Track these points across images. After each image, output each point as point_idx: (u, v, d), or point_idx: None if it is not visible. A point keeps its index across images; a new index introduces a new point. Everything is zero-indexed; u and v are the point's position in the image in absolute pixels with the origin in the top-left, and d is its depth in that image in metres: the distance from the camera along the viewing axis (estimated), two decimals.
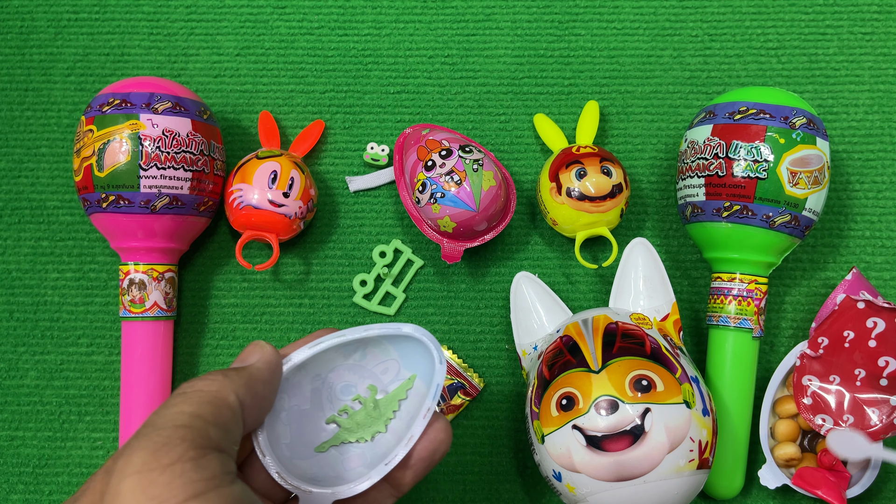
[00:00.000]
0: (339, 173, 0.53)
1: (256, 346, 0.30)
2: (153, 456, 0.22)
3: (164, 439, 0.22)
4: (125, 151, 0.45)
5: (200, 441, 0.23)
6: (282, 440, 0.30)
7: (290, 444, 0.30)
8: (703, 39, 0.55)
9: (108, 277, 0.52)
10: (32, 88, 0.54)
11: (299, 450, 0.31)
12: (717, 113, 0.47)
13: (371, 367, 0.32)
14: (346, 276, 0.52)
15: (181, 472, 0.22)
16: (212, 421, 0.24)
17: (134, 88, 0.46)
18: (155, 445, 0.22)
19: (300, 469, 0.30)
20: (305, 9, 0.56)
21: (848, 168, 0.54)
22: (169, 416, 0.24)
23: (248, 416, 0.27)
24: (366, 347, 0.32)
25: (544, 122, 0.53)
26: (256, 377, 0.28)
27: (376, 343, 0.32)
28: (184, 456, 0.22)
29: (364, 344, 0.32)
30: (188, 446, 0.23)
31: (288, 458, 0.30)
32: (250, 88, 0.55)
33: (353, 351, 0.32)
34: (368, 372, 0.32)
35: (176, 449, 0.22)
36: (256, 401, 0.27)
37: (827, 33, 0.55)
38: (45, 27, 0.55)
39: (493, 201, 0.47)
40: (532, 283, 0.49)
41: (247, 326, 0.51)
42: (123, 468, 0.22)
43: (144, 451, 0.22)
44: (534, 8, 0.56)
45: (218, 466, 0.23)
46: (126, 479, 0.22)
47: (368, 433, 0.32)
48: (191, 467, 0.22)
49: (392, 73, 0.55)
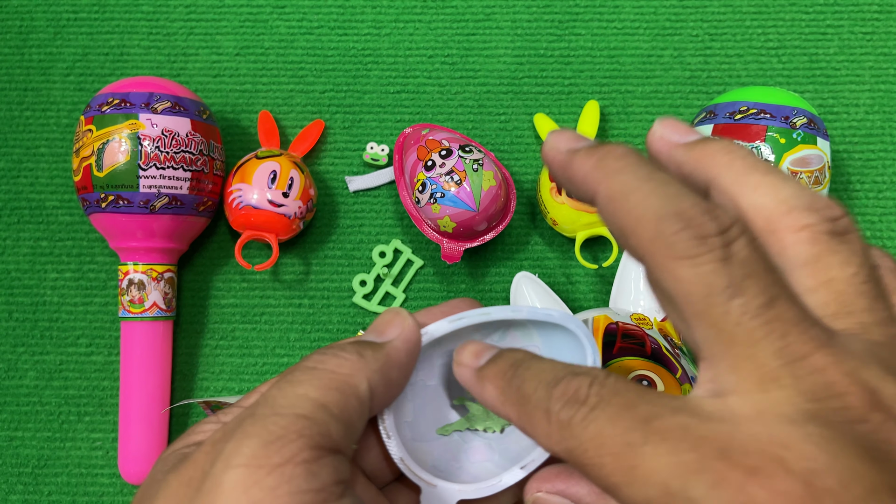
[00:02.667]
0: (338, 173, 0.53)
1: (397, 315, 0.24)
2: (264, 449, 0.19)
3: (281, 430, 0.20)
4: (124, 151, 0.45)
5: (319, 439, 0.20)
6: (405, 418, 0.26)
7: (413, 422, 0.27)
8: (704, 39, 0.55)
9: (107, 277, 0.52)
10: (31, 88, 0.54)
11: (421, 431, 0.27)
12: (717, 113, 0.47)
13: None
14: (346, 277, 0.52)
15: (290, 476, 0.19)
16: (336, 414, 0.21)
17: (133, 88, 0.46)
18: (270, 435, 0.19)
19: (421, 453, 0.26)
20: (305, 8, 0.55)
21: (849, 168, 0.54)
22: (291, 398, 0.21)
23: (375, 405, 0.23)
24: (507, 329, 0.28)
25: (544, 122, 0.53)
26: (394, 360, 0.23)
27: (521, 326, 0.28)
28: (297, 456, 0.19)
29: (507, 325, 0.28)
30: (304, 444, 0.20)
31: (409, 440, 0.26)
32: (250, 88, 0.54)
33: (494, 331, 0.28)
34: None
35: (290, 446, 0.19)
36: (388, 388, 0.23)
37: (828, 33, 0.55)
38: (45, 27, 0.55)
39: (493, 201, 0.47)
40: (532, 283, 0.49)
41: (246, 327, 0.51)
42: (231, 456, 0.19)
43: (257, 439, 0.19)
44: (534, 7, 0.56)
45: (331, 475, 0.20)
46: (230, 471, 0.19)
47: (498, 424, 0.28)
48: (302, 472, 0.19)
49: (392, 73, 0.55)
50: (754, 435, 0.16)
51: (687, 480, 0.16)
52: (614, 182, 0.19)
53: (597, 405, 0.18)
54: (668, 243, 0.18)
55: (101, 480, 0.49)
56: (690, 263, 0.17)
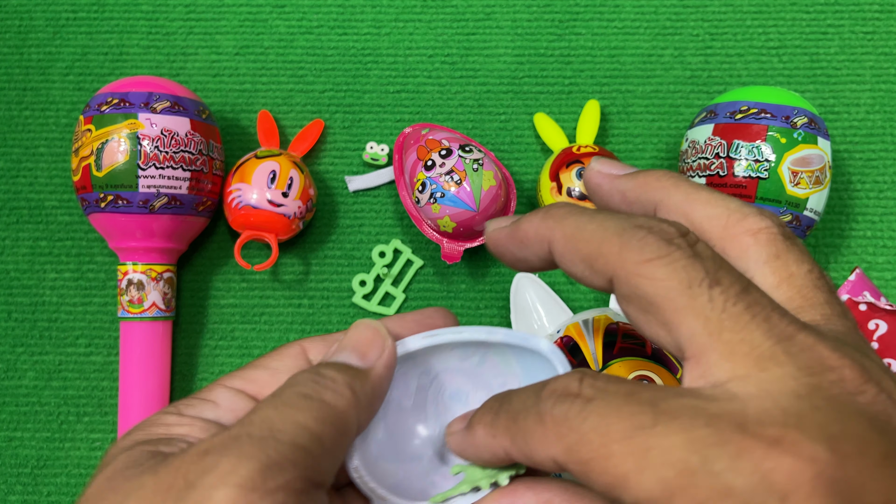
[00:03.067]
0: (338, 173, 0.53)
1: (377, 335, 0.23)
2: (261, 473, 0.19)
3: (280, 457, 0.20)
4: (123, 151, 0.45)
5: (311, 473, 0.20)
6: (372, 435, 0.26)
7: (381, 441, 0.26)
8: (705, 39, 0.55)
9: (106, 278, 0.52)
10: (31, 88, 0.54)
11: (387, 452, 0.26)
12: (718, 112, 0.47)
13: (489, 377, 0.27)
14: (346, 277, 0.52)
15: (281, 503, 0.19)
16: (329, 448, 0.21)
17: (132, 88, 0.46)
18: (268, 460, 0.19)
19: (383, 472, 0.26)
20: (304, 8, 0.55)
21: (849, 168, 0.53)
22: (291, 425, 0.20)
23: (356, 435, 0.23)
24: (486, 353, 0.27)
25: (545, 122, 0.52)
26: (378, 389, 0.23)
27: (498, 352, 0.27)
28: (290, 485, 0.19)
29: (485, 350, 0.27)
30: (299, 475, 0.20)
31: (374, 457, 0.26)
32: (249, 88, 0.54)
33: (472, 354, 0.27)
34: (485, 383, 0.27)
35: (286, 473, 0.19)
36: (370, 418, 0.23)
37: (828, 32, 0.55)
38: (44, 26, 0.55)
39: (493, 201, 0.47)
40: (532, 283, 0.49)
41: (245, 327, 0.51)
42: (227, 474, 0.19)
43: (256, 462, 0.19)
44: (534, 7, 0.56)
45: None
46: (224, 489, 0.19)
47: (489, 478, 0.26)
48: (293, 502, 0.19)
49: (392, 73, 0.54)
50: (766, 410, 0.16)
51: (707, 454, 0.15)
52: (567, 223, 0.20)
53: (594, 397, 0.18)
54: (638, 248, 0.18)
55: None
56: (665, 261, 0.18)
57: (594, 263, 0.19)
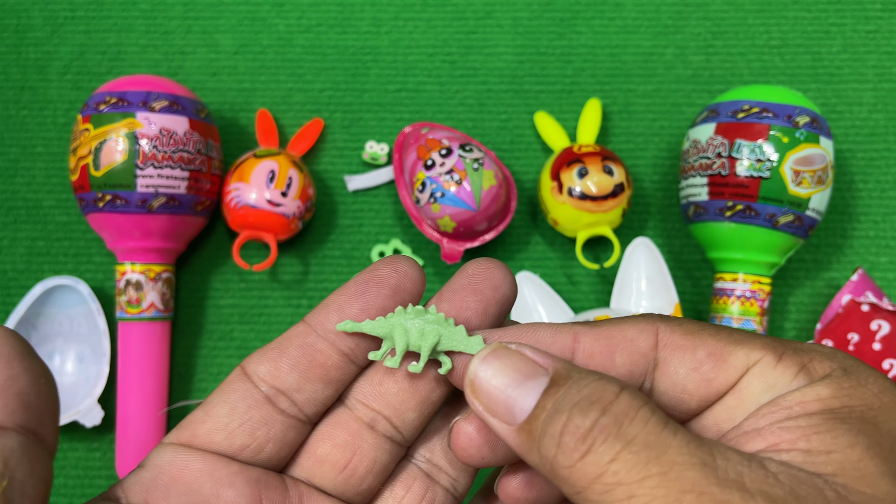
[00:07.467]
0: (337, 172, 0.53)
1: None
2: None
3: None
4: (122, 150, 0.45)
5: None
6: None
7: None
8: (706, 37, 0.55)
9: (104, 278, 0.51)
10: (28, 87, 0.54)
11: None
12: (719, 111, 0.46)
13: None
14: (345, 277, 0.51)
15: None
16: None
17: (130, 87, 0.46)
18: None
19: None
20: (304, 6, 0.55)
21: (852, 167, 0.53)
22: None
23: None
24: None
25: (545, 121, 0.52)
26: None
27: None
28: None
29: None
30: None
31: None
32: (248, 87, 0.54)
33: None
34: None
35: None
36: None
37: (831, 31, 0.55)
38: (41, 25, 0.55)
39: (493, 201, 0.47)
40: (533, 283, 0.48)
41: (244, 327, 0.51)
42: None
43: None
44: (535, 5, 0.55)
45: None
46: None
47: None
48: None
49: (391, 71, 0.54)
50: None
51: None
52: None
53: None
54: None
55: (98, 482, 0.49)
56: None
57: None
